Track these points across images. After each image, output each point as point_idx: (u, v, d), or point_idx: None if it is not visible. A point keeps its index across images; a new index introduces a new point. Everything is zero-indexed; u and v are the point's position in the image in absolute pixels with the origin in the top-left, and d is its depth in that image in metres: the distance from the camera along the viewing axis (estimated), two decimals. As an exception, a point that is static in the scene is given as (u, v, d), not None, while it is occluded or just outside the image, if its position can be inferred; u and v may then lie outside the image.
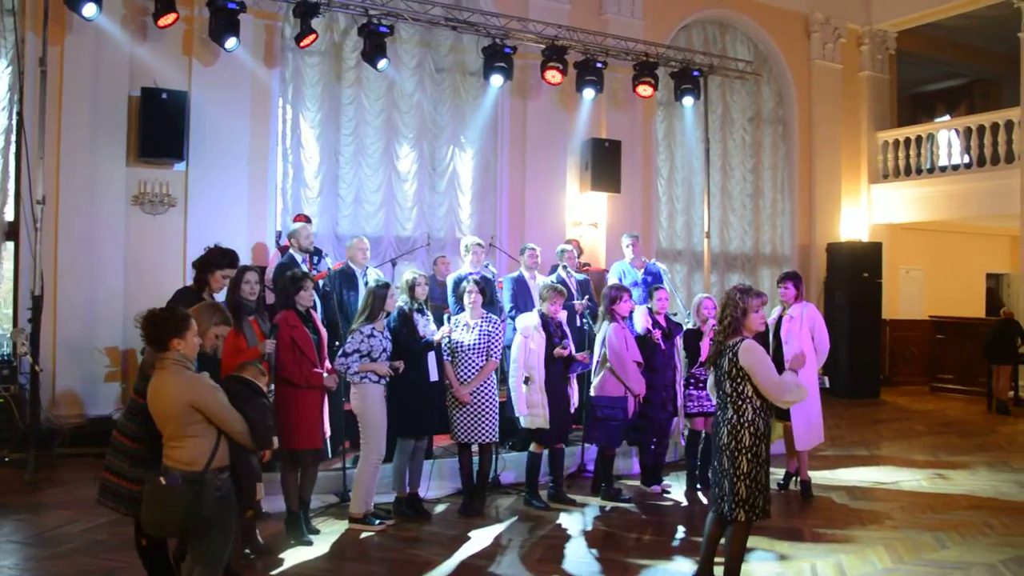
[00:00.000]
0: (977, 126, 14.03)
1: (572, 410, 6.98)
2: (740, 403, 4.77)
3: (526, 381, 6.64)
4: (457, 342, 6.56)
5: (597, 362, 7.16)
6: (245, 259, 8.80)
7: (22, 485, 7.16)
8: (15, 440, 7.96)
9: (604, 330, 7.08)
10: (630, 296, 7.23)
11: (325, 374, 5.94)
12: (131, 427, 4.19)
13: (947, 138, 14.85)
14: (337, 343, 6.38)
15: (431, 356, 6.38)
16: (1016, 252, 14.50)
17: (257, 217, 9.86)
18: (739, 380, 4.77)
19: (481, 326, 6.58)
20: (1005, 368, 12.29)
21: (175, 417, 3.86)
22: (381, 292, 6.18)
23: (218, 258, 5.82)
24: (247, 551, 5.40)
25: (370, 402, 6.11)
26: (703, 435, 7.39)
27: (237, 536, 4.43)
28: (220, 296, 5.84)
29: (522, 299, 8.03)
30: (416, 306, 6.45)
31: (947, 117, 17.46)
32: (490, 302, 7.02)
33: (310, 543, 5.78)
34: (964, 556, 5.73)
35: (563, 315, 7.17)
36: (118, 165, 9.13)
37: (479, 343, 6.54)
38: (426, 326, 6.47)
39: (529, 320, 6.82)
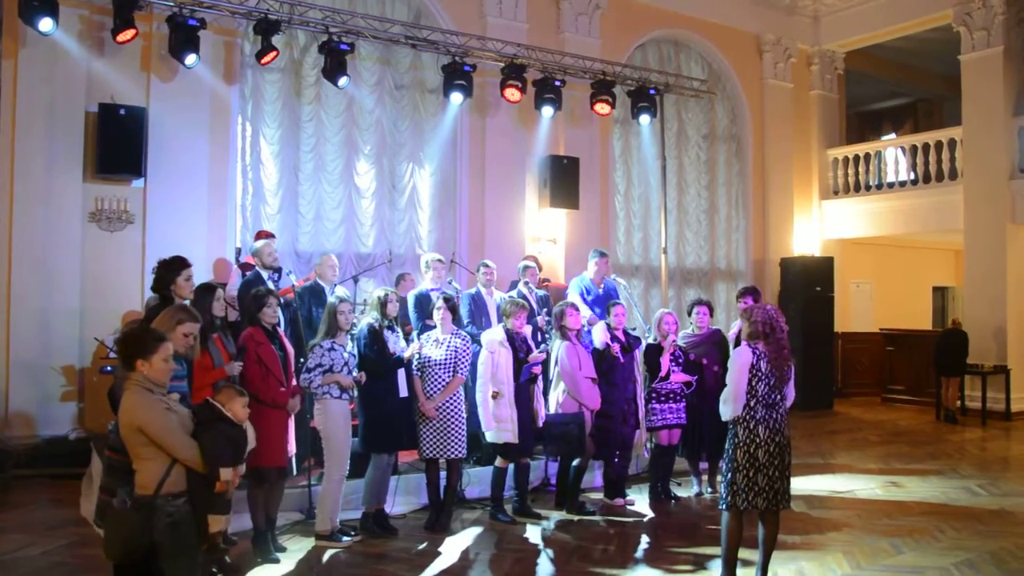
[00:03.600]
0: (922, 144, 14.50)
1: (540, 424, 7.03)
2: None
3: (494, 396, 6.68)
4: (426, 357, 6.60)
5: (552, 379, 7.25)
6: (206, 276, 8.78)
7: (-25, 508, 7.01)
8: (-33, 462, 7.80)
9: (557, 348, 7.17)
10: (576, 310, 7.30)
11: (293, 401, 5.91)
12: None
13: (894, 155, 15.31)
14: (303, 359, 6.37)
15: (400, 372, 6.41)
16: (960, 266, 14.95)
17: (217, 234, 9.77)
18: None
19: (450, 342, 6.62)
20: (954, 379, 12.66)
21: (127, 438, 3.84)
22: (333, 307, 6.22)
23: (171, 267, 5.76)
24: (214, 570, 5.36)
25: (332, 418, 6.11)
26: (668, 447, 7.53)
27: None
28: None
29: (478, 315, 8.07)
30: (387, 323, 6.47)
31: (893, 135, 18.00)
32: (458, 319, 7.07)
33: (277, 561, 5.75)
34: (919, 560, 5.91)
35: (527, 330, 7.24)
36: (74, 181, 9.00)
37: (447, 359, 6.58)
38: (396, 343, 6.48)
39: (494, 335, 6.89)
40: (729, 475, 5.11)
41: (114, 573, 4.32)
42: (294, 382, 6.06)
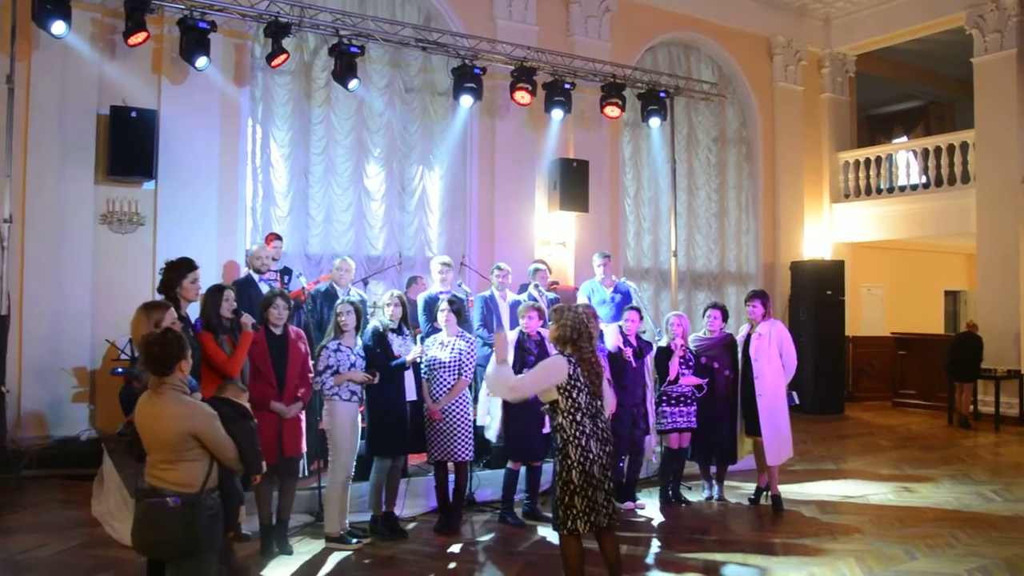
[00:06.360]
0: (934, 147, 14.42)
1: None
2: None
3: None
4: (432, 359, 6.59)
5: None
6: (216, 278, 8.80)
7: (-13, 508, 7.02)
8: (-21, 462, 7.82)
9: None
10: (594, 314, 7.26)
11: (280, 405, 5.85)
12: None
13: (905, 159, 15.23)
14: (313, 362, 6.36)
15: (409, 375, 6.39)
16: (973, 270, 14.86)
17: (227, 236, 9.80)
18: None
19: (455, 344, 6.61)
20: (967, 384, 12.57)
21: (171, 444, 3.82)
22: (336, 308, 6.28)
23: (178, 269, 5.76)
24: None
25: (339, 420, 6.10)
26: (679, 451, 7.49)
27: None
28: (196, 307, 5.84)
29: (491, 318, 8.05)
30: (392, 326, 6.46)
31: (905, 138, 17.91)
32: (464, 321, 7.05)
33: (290, 553, 5.77)
34: (932, 567, 5.85)
35: (546, 332, 7.22)
36: (86, 183, 9.04)
37: (452, 361, 6.57)
38: (403, 345, 6.46)
39: (509, 337, 6.88)
40: (567, 499, 4.63)
41: (148, 571, 4.35)
42: (301, 386, 6.03)
